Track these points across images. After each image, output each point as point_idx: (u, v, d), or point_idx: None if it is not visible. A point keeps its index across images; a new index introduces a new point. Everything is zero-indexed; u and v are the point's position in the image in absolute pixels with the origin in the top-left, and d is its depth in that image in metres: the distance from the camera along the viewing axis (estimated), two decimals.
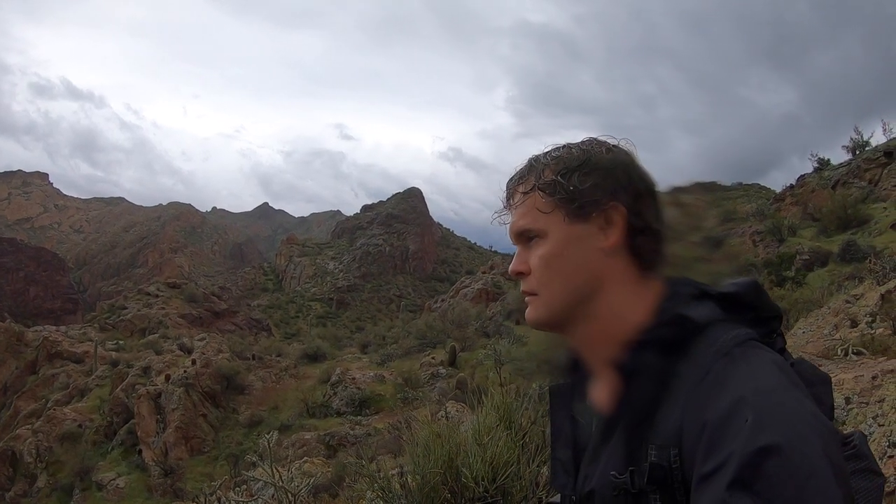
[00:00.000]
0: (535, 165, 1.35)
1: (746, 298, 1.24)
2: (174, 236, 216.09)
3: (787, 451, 0.93)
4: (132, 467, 30.91)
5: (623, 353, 1.23)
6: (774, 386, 1.03)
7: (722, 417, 1.01)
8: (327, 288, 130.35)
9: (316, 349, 44.05)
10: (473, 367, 29.38)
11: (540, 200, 1.31)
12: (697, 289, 1.27)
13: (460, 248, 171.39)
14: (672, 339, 1.18)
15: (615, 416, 1.23)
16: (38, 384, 46.64)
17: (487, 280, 58.56)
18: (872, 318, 10.38)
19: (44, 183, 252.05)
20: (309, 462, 16.20)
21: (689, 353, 1.15)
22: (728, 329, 1.16)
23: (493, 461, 3.99)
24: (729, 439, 0.98)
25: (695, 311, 1.20)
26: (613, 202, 1.27)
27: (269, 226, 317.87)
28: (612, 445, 1.22)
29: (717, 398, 1.04)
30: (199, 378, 33.49)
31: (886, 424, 4.95)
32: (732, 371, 1.08)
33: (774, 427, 0.96)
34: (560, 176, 1.29)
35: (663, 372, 1.16)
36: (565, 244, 1.29)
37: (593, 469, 1.27)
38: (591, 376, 1.38)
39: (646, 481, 1.11)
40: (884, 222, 24.24)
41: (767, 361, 1.10)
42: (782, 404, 1.00)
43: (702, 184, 9.75)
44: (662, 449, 1.10)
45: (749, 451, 0.94)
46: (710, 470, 0.98)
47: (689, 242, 7.02)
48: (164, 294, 75.74)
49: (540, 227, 1.31)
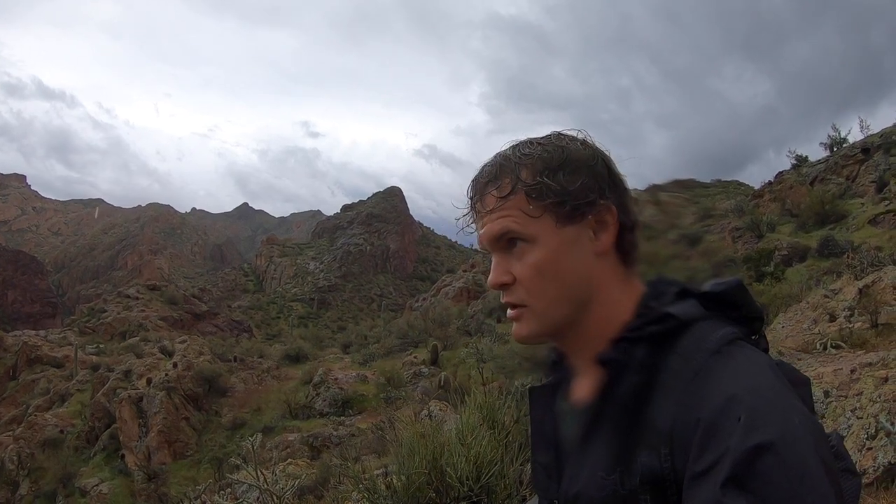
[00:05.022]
0: (506, 164, 1.26)
1: (731, 298, 1.21)
2: (153, 238, 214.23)
3: (780, 449, 0.93)
4: (115, 472, 30.61)
5: (608, 349, 1.20)
6: (766, 385, 1.03)
7: (714, 415, 1.00)
8: (308, 288, 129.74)
9: (298, 350, 43.85)
10: (456, 365, 29.35)
11: (526, 203, 1.22)
12: (680, 287, 1.25)
13: (441, 246, 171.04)
14: (658, 335, 1.16)
15: (600, 413, 1.19)
16: (19, 390, 46.22)
17: (468, 278, 58.49)
18: (850, 313, 10.49)
19: (21, 185, 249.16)
20: (293, 464, 16.16)
21: (676, 349, 1.13)
22: (714, 327, 1.15)
23: (476, 460, 3.97)
24: (722, 437, 0.97)
25: (679, 309, 1.17)
26: (604, 201, 1.23)
27: (248, 226, 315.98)
28: (598, 445, 1.18)
29: (710, 396, 1.03)
30: (180, 381, 33.23)
31: (864, 417, 5.01)
32: (724, 369, 1.06)
33: (767, 425, 0.95)
34: (545, 176, 1.21)
35: (649, 366, 1.14)
36: (558, 250, 1.22)
37: (579, 470, 1.22)
38: (574, 375, 1.34)
39: (637, 481, 1.07)
40: (861, 218, 24.44)
41: (758, 361, 1.09)
42: (774, 403, 1.00)
43: (680, 181, 9.87)
44: (653, 448, 1.07)
45: (743, 450, 0.94)
46: (704, 468, 0.98)
47: (666, 240, 7.02)
48: (143, 296, 75.30)
49: (529, 232, 1.22)
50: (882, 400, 5.00)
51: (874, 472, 4.58)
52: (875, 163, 29.32)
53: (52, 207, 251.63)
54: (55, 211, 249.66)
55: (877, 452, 4.63)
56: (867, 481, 4.58)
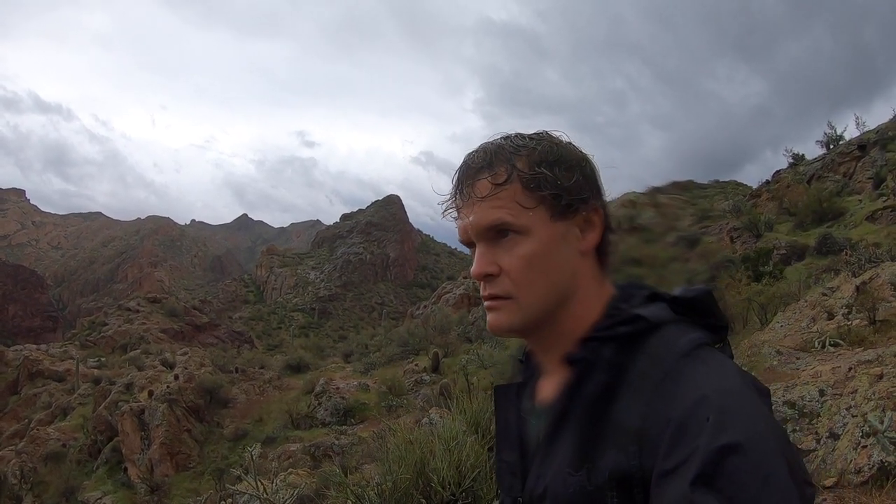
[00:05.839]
0: (500, 153, 1.25)
1: (700, 305, 1.22)
2: (153, 250, 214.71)
3: (747, 449, 0.94)
4: (118, 485, 30.58)
5: (576, 348, 1.22)
6: (734, 388, 1.04)
7: (684, 415, 1.01)
8: (309, 298, 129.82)
9: (299, 360, 43.81)
10: (457, 372, 29.36)
11: (521, 194, 1.21)
12: (650, 291, 1.26)
13: (440, 253, 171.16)
14: (627, 336, 1.17)
15: (567, 411, 1.19)
16: (20, 404, 46.21)
17: (469, 285, 58.30)
18: (848, 310, 10.49)
19: (20, 199, 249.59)
20: (294, 473, 16.13)
21: (645, 350, 1.14)
22: (683, 330, 1.16)
23: (458, 465, 4.00)
24: (691, 436, 0.98)
25: (649, 311, 1.19)
26: (594, 201, 1.26)
27: (248, 237, 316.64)
28: (564, 443, 1.18)
29: (680, 397, 1.04)
30: (182, 393, 33.19)
31: (859, 416, 5.00)
32: (693, 371, 1.07)
33: (735, 426, 0.96)
34: (543, 168, 1.22)
35: (617, 366, 1.15)
36: (550, 243, 1.22)
37: (545, 469, 1.22)
38: (540, 375, 1.36)
39: (606, 478, 1.08)
40: (859, 214, 24.44)
41: (727, 365, 1.11)
42: (742, 405, 1.01)
43: (678, 183, 9.92)
44: (620, 446, 1.08)
45: (711, 449, 0.94)
46: (673, 466, 0.98)
47: (665, 242, 7.06)
48: (144, 309, 75.28)
49: (522, 223, 1.21)
50: (876, 397, 4.99)
51: (869, 471, 4.57)
52: (872, 159, 29.31)
53: (51, 221, 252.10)
54: (54, 225, 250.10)
55: (871, 451, 4.62)
56: (862, 480, 4.57)
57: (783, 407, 5.62)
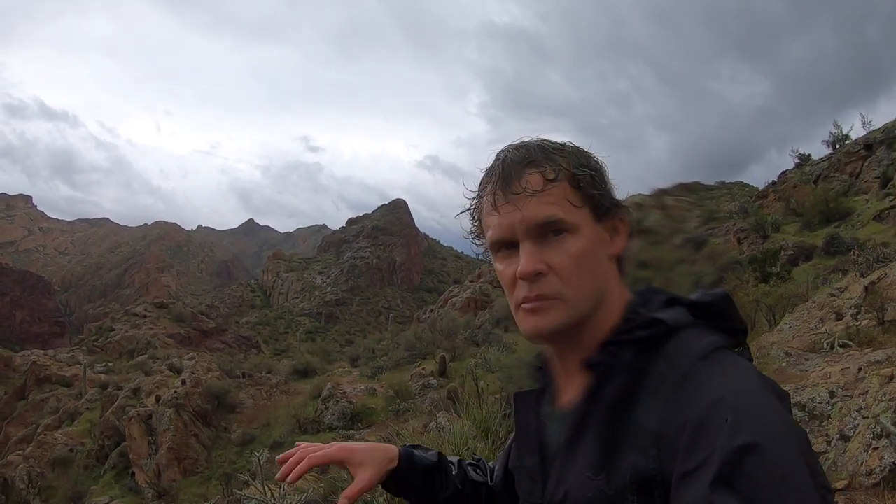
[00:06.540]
0: (541, 152, 1.24)
1: (718, 309, 1.22)
2: (160, 256, 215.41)
3: (764, 449, 0.93)
4: (125, 490, 30.63)
5: (596, 353, 1.22)
6: (752, 389, 1.04)
7: (703, 416, 1.01)
8: (315, 302, 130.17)
9: (306, 364, 43.87)
10: (464, 376, 29.32)
11: (571, 192, 1.22)
12: (668, 296, 1.27)
13: (447, 257, 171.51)
14: (646, 339, 1.17)
15: (587, 416, 1.19)
16: (28, 409, 46.35)
17: (475, 289, 58.44)
18: (857, 310, 10.45)
19: (27, 205, 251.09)
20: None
21: (663, 354, 1.15)
22: (701, 334, 1.16)
23: None
24: (710, 438, 0.98)
25: (668, 315, 1.19)
26: (623, 208, 1.28)
27: (254, 242, 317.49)
28: (584, 447, 1.18)
29: (698, 398, 1.04)
30: (189, 398, 33.24)
31: (870, 417, 4.96)
32: (711, 373, 1.08)
33: (752, 426, 0.96)
34: (585, 169, 1.23)
35: (636, 369, 1.15)
36: (595, 243, 1.23)
37: (565, 473, 1.22)
38: (558, 381, 1.35)
39: (627, 480, 1.08)
40: (866, 214, 24.40)
41: (745, 367, 1.11)
42: (759, 406, 1.01)
43: (684, 184, 9.84)
44: (640, 449, 1.08)
45: (729, 449, 0.94)
46: (692, 467, 0.98)
47: (672, 245, 6.97)
48: (151, 314, 75.57)
49: (574, 220, 1.21)
50: (887, 399, 4.95)
51: (881, 473, 4.53)
52: (878, 158, 29.26)
53: (58, 227, 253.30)
54: (62, 231, 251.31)
55: (883, 452, 4.58)
56: (874, 482, 4.53)
57: (793, 409, 5.59)
